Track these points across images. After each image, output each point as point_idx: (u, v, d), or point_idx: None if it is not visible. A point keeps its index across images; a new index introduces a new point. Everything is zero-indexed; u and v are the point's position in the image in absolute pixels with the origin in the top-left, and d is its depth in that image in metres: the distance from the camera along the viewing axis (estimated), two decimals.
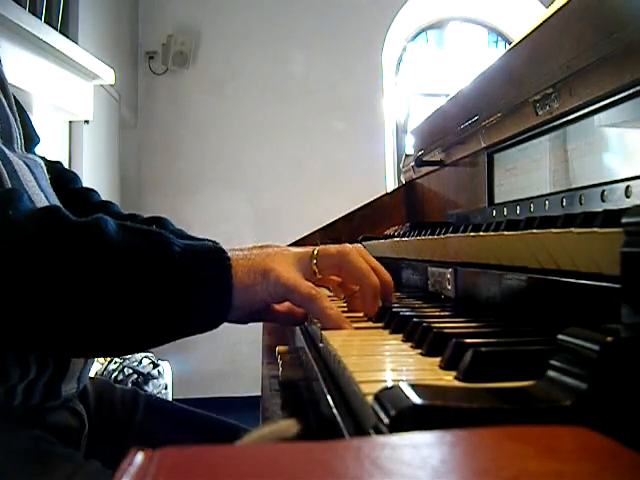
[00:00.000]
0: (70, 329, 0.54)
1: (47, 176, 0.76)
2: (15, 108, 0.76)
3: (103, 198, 0.93)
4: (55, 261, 0.52)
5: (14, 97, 0.78)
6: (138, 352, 0.66)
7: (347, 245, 0.64)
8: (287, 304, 0.65)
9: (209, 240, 0.64)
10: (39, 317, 0.52)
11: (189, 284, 0.55)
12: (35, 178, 0.71)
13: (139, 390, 0.88)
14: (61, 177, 0.84)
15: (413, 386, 0.27)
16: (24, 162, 0.70)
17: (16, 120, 0.75)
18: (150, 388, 2.45)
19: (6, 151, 0.67)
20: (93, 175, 2.80)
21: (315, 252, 0.62)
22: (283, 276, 0.58)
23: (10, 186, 0.63)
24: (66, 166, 0.95)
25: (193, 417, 0.85)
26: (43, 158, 0.82)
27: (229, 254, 0.58)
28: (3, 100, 0.73)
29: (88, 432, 0.73)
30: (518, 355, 0.34)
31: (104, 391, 0.83)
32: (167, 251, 0.55)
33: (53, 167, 0.82)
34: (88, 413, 0.74)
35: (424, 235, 0.84)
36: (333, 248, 0.63)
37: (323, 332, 0.54)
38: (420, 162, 1.25)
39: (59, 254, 0.52)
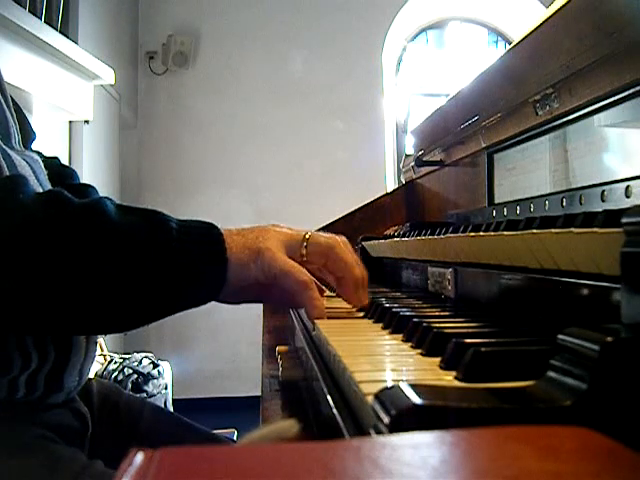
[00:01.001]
0: (76, 304, 0.56)
1: (45, 172, 0.76)
2: (12, 105, 0.77)
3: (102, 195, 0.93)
4: (62, 240, 0.54)
5: (10, 95, 0.78)
6: (141, 326, 0.69)
7: (335, 236, 0.67)
8: None
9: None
10: (47, 295, 0.54)
11: (186, 259, 0.57)
12: (34, 172, 0.71)
13: (146, 400, 0.89)
14: (59, 173, 0.85)
15: (413, 386, 0.27)
16: (22, 158, 0.71)
17: (13, 117, 0.76)
18: (150, 388, 2.45)
19: (4, 147, 0.67)
20: (93, 175, 2.80)
21: (307, 236, 0.64)
22: (278, 257, 0.61)
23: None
24: None
25: (197, 434, 0.85)
26: (40, 154, 0.82)
27: (222, 230, 0.61)
28: (0, 97, 0.73)
29: (91, 434, 0.73)
30: (518, 355, 0.34)
31: (110, 394, 0.83)
32: (165, 228, 0.57)
33: (51, 163, 0.82)
34: (92, 415, 0.74)
35: (424, 235, 0.84)
36: (323, 237, 0.65)
37: (323, 330, 0.54)
38: (420, 162, 1.25)
39: (65, 233, 0.54)
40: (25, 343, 0.63)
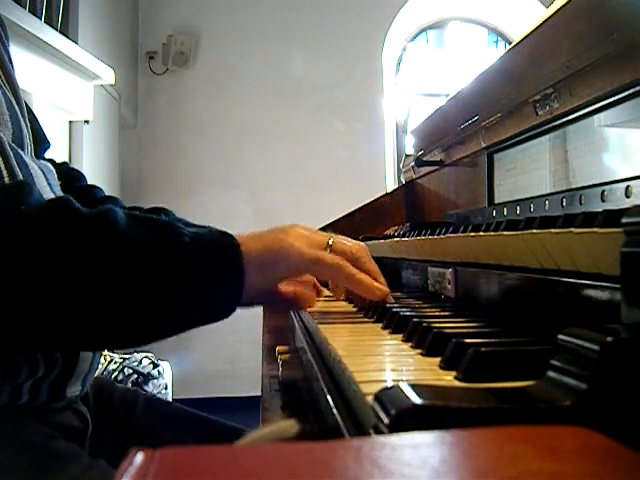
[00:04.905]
0: (84, 319, 0.53)
1: (58, 182, 0.76)
2: (27, 114, 0.77)
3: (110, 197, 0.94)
4: (67, 252, 0.51)
5: (25, 103, 0.78)
6: (155, 342, 0.67)
7: (359, 245, 0.67)
8: (290, 288, 0.67)
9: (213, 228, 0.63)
10: (54, 308, 0.52)
11: (200, 274, 0.55)
12: (49, 184, 0.71)
13: (139, 390, 0.89)
14: (68, 177, 0.85)
15: (413, 386, 0.26)
16: (39, 167, 0.70)
17: (27, 127, 0.75)
18: (150, 388, 2.45)
19: (23, 155, 0.67)
20: (93, 175, 2.80)
21: (330, 242, 0.64)
22: (305, 250, 0.60)
23: None
24: None
25: (192, 418, 0.85)
26: (51, 161, 0.83)
27: (238, 239, 0.58)
28: (16, 107, 0.72)
29: (91, 432, 0.73)
30: (518, 355, 0.34)
31: (103, 389, 0.84)
32: (178, 241, 0.55)
33: (61, 169, 0.82)
34: (90, 413, 0.75)
35: (424, 235, 0.84)
36: (347, 246, 0.65)
37: (323, 331, 0.54)
38: (420, 162, 1.25)
39: (71, 245, 0.52)
40: None
